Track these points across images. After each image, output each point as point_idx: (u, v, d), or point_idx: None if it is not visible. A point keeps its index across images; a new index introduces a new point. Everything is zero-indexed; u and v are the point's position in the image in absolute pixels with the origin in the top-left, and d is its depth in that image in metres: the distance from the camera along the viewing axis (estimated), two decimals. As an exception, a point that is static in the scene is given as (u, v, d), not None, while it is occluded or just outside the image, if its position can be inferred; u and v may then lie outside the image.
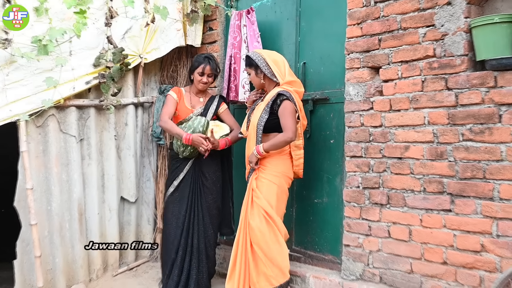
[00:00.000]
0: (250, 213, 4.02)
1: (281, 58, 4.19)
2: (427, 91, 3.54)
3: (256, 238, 3.94)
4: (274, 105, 4.03)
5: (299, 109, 4.05)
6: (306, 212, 4.58)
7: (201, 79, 4.66)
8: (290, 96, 3.98)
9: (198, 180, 4.64)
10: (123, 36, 4.81)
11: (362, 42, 3.94)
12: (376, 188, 3.85)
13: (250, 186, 4.13)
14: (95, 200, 4.82)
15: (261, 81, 4.21)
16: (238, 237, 4.10)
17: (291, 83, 4.09)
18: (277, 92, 4.03)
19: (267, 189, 4.03)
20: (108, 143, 4.98)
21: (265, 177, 4.06)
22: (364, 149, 3.92)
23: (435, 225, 3.50)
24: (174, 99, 4.68)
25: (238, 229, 4.14)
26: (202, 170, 4.65)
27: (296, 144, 4.12)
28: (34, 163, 4.36)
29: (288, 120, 3.95)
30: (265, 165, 4.09)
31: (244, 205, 4.13)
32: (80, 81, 4.51)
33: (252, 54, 4.21)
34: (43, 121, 4.42)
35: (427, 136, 3.54)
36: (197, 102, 4.78)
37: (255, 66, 4.18)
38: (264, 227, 3.93)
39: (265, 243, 3.91)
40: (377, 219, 3.83)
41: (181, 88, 4.80)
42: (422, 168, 3.56)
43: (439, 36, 3.48)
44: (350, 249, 4.01)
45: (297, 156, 4.16)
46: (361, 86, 3.94)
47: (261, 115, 4.06)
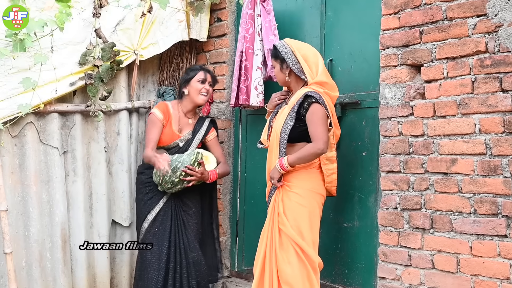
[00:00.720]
0: (279, 245, 3.98)
1: (314, 53, 4.17)
2: (478, 93, 3.55)
3: (285, 276, 3.92)
4: (300, 109, 4.00)
5: (331, 115, 4.03)
6: (334, 238, 4.61)
7: (203, 87, 4.71)
8: (320, 99, 3.94)
9: (179, 210, 4.71)
10: (114, 29, 4.86)
11: (400, 35, 3.97)
12: (417, 209, 3.87)
13: (274, 210, 4.09)
14: (82, 225, 4.84)
15: (286, 78, 4.19)
16: (262, 273, 4.06)
17: (323, 84, 4.06)
18: (304, 93, 3.99)
19: (296, 214, 3.99)
20: (97, 156, 5.01)
21: (292, 198, 4.02)
22: (403, 163, 3.95)
23: (488, 253, 3.50)
24: (159, 121, 4.70)
25: (259, 260, 4.10)
26: (182, 199, 4.73)
27: (328, 156, 4.11)
28: (8, 180, 4.40)
29: (318, 128, 3.93)
30: (290, 181, 4.05)
31: (267, 232, 4.10)
32: (63, 83, 4.55)
33: (279, 45, 4.18)
34: (20, 130, 4.46)
35: (478, 147, 3.55)
36: (186, 124, 4.84)
37: (281, 59, 4.15)
38: (296, 267, 3.90)
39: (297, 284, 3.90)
40: (419, 246, 3.85)
41: (168, 104, 4.81)
42: (472, 186, 3.58)
43: (492, 28, 3.49)
44: (386, 283, 4.03)
45: (330, 171, 4.14)
46: (399, 87, 3.98)
47: (285, 122, 4.03)
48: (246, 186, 5.46)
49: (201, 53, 5.76)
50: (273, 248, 4.02)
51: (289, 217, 3.98)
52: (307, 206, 4.01)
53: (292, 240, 3.93)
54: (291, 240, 3.93)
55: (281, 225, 3.99)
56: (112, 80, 5.01)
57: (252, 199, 5.34)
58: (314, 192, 4.07)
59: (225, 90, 5.46)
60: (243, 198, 5.49)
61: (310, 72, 4.06)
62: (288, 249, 3.94)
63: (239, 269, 5.43)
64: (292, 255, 3.92)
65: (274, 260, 3.99)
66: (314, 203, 4.06)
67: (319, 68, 4.08)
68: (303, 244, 3.91)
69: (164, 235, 4.60)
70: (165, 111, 4.73)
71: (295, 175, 4.06)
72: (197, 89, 4.70)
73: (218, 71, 5.57)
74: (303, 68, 4.06)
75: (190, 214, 4.69)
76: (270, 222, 4.10)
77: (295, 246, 3.92)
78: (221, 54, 5.58)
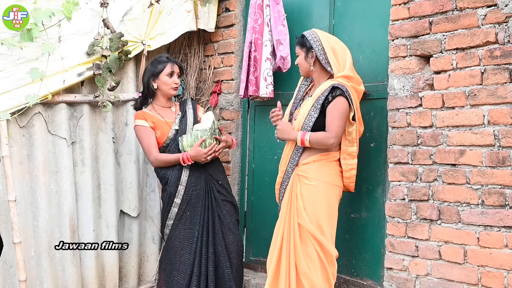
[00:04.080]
0: (300, 239, 4.01)
1: (343, 48, 4.17)
2: (488, 84, 3.57)
3: (304, 269, 3.97)
4: (325, 101, 4.02)
5: (356, 109, 4.04)
6: (342, 229, 4.61)
7: (173, 81, 4.72)
8: (346, 92, 3.96)
9: (213, 188, 4.72)
10: (122, 19, 4.88)
11: (410, 25, 3.98)
12: (425, 200, 3.89)
13: (291, 203, 4.11)
14: (90, 215, 4.86)
15: (310, 67, 4.18)
16: (278, 267, 4.11)
17: (349, 78, 4.08)
18: (331, 84, 4.01)
19: (315, 208, 4.01)
20: (105, 146, 5.03)
21: (311, 191, 4.04)
22: (411, 154, 3.97)
23: (495, 244, 3.52)
24: (147, 128, 4.67)
25: (274, 254, 4.14)
26: (212, 175, 4.75)
27: (349, 151, 4.12)
28: (17, 170, 4.42)
29: (335, 121, 3.96)
30: (308, 174, 4.08)
31: (283, 225, 4.13)
32: (71, 73, 4.56)
33: (308, 33, 4.17)
34: (28, 120, 4.47)
35: (486, 138, 3.57)
36: (170, 113, 4.84)
37: (307, 48, 4.15)
38: (315, 261, 3.95)
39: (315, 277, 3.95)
40: (426, 237, 3.87)
41: (143, 110, 4.79)
42: (481, 177, 3.60)
43: (503, 18, 3.50)
44: (393, 273, 4.06)
45: (349, 166, 4.14)
46: (407, 78, 3.99)
47: (308, 113, 4.05)
48: (254, 177, 5.48)
49: (209, 44, 5.77)
50: (291, 241, 4.05)
51: (308, 212, 4.01)
52: (325, 199, 4.04)
53: (311, 235, 3.96)
54: (309, 235, 3.97)
55: (300, 220, 4.02)
56: (120, 70, 5.03)
57: (260, 190, 5.36)
58: (332, 184, 4.10)
59: (233, 80, 5.47)
60: (251, 189, 5.52)
61: (337, 64, 4.08)
62: (307, 243, 3.98)
63: (247, 259, 5.45)
64: (311, 249, 3.96)
65: (293, 253, 4.03)
66: (333, 195, 4.10)
67: (346, 63, 4.10)
68: (322, 239, 3.95)
69: (194, 219, 4.62)
70: (144, 116, 4.70)
71: (314, 167, 4.09)
72: (167, 83, 4.70)
73: (226, 61, 5.59)
74: (330, 59, 4.07)
75: (223, 193, 4.74)
76: (286, 216, 4.12)
77: (312, 241, 3.96)
78: (229, 44, 5.59)
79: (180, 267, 4.53)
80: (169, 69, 4.69)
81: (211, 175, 4.71)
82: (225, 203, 4.72)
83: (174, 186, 4.61)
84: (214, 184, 4.71)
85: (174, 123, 4.74)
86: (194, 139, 4.51)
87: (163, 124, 4.70)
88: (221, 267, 4.56)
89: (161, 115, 4.75)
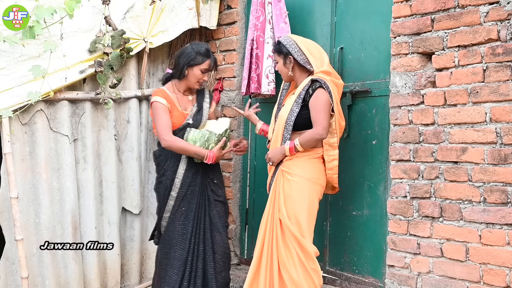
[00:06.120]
0: (281, 233, 4.08)
1: (317, 48, 4.28)
2: (490, 82, 3.56)
3: (283, 261, 4.03)
4: (306, 95, 4.09)
5: (336, 103, 4.09)
6: (343, 226, 4.65)
7: (203, 77, 4.70)
8: (325, 84, 4.04)
9: (207, 186, 4.76)
10: (124, 16, 4.88)
11: (412, 22, 3.98)
12: (426, 198, 3.89)
13: (274, 198, 4.18)
14: (92, 212, 4.87)
15: (289, 72, 4.27)
16: (260, 259, 4.18)
17: (328, 73, 4.15)
18: (310, 79, 4.10)
19: (295, 203, 4.07)
20: (107, 144, 5.04)
21: (292, 186, 4.10)
22: (413, 152, 3.97)
23: (497, 242, 3.52)
24: (165, 107, 4.64)
25: (257, 246, 4.23)
26: (208, 173, 4.77)
27: (330, 142, 4.17)
28: (19, 167, 4.42)
29: (319, 114, 4.02)
30: (291, 170, 4.13)
31: (266, 219, 4.21)
32: (73, 70, 4.56)
33: (283, 39, 4.28)
34: (30, 117, 4.48)
35: (488, 136, 3.56)
36: (187, 102, 4.83)
37: (284, 53, 4.24)
38: (293, 255, 3.99)
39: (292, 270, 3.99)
40: (428, 235, 3.88)
41: (164, 89, 4.76)
42: (483, 175, 3.59)
43: (505, 16, 3.49)
44: (395, 271, 4.06)
45: (331, 157, 4.19)
46: (409, 76, 3.99)
47: (291, 109, 4.12)
48: (255, 174, 5.49)
49: (211, 41, 5.77)
50: (273, 236, 4.12)
51: (288, 206, 4.07)
52: (306, 196, 4.09)
53: (288, 230, 4.02)
54: (287, 230, 4.03)
55: (280, 215, 4.09)
56: (122, 68, 5.04)
57: (262, 187, 5.36)
58: (313, 182, 4.14)
59: (235, 78, 5.47)
60: (253, 186, 5.52)
61: (315, 62, 4.16)
62: (286, 238, 4.04)
63: (248, 256, 5.46)
64: (290, 244, 4.02)
65: (275, 247, 4.09)
66: (314, 193, 4.14)
67: (324, 62, 4.20)
68: (298, 235, 4.00)
69: (189, 214, 4.66)
70: (166, 96, 4.68)
71: (297, 164, 4.14)
72: (197, 77, 4.67)
73: (228, 59, 5.59)
74: (308, 58, 4.16)
75: (216, 193, 4.78)
76: (270, 210, 4.20)
77: (290, 237, 4.02)
78: (231, 42, 5.59)
79: (174, 263, 4.57)
80: (206, 66, 4.67)
81: (207, 173, 4.74)
82: (216, 203, 4.76)
83: (170, 179, 4.66)
84: (209, 182, 4.75)
85: (188, 115, 4.74)
86: (201, 137, 4.54)
87: (178, 113, 4.70)
88: (206, 266, 4.62)
89: (179, 101, 4.76)
